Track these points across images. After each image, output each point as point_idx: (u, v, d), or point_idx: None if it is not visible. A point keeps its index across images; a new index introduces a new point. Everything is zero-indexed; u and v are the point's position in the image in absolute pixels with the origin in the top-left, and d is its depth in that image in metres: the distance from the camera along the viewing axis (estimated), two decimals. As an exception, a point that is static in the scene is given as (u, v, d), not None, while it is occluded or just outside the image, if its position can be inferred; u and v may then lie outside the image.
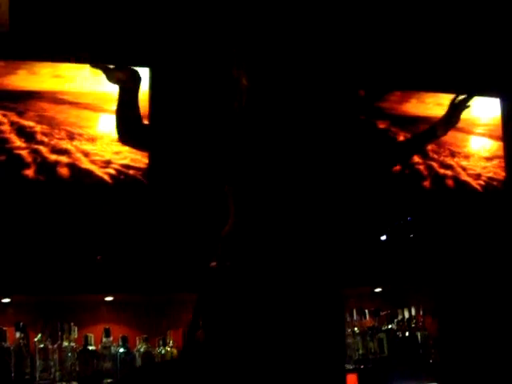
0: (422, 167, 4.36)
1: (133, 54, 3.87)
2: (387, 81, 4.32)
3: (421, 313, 4.40)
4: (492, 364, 4.23)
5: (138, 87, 2.60)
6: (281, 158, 2.50)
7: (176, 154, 2.79)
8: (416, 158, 4.32)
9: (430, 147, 4.34)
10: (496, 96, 4.66)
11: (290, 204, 2.48)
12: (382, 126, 4.26)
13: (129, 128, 2.60)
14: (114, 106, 3.82)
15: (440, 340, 4.35)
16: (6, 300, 3.98)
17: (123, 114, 2.59)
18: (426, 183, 4.38)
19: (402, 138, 4.27)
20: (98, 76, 3.79)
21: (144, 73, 3.90)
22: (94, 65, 2.59)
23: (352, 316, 4.31)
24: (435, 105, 4.39)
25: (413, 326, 4.38)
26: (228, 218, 2.47)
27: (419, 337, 4.36)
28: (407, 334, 4.34)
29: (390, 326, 4.35)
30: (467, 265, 4.35)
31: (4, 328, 3.81)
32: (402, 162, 3.44)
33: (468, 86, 4.37)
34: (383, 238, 4.41)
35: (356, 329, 4.28)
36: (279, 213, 2.46)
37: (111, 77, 2.59)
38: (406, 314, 4.41)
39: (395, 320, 4.40)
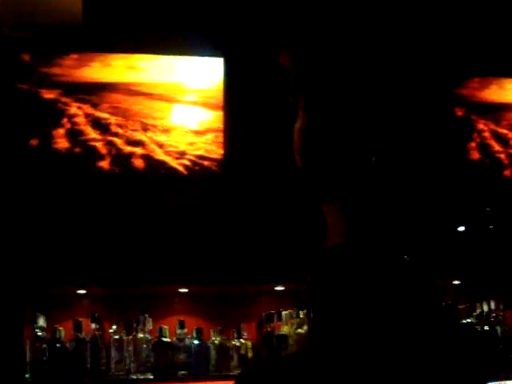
0: (502, 156, 4.22)
1: (207, 44, 3.83)
2: (466, 67, 4.19)
3: (501, 307, 4.28)
4: None
5: None
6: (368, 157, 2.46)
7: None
8: (496, 146, 4.18)
9: (511, 135, 4.20)
10: None
11: (388, 203, 2.43)
12: (460, 113, 4.13)
13: None
14: (187, 97, 3.91)
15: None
16: (82, 291, 4.01)
17: None
18: (507, 172, 4.23)
19: (481, 126, 4.14)
20: (171, 66, 3.84)
21: (218, 63, 3.88)
22: None
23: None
24: (517, 91, 4.25)
25: (492, 320, 4.26)
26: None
27: (499, 331, 4.24)
28: (486, 328, 4.22)
29: (468, 320, 4.24)
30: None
31: (80, 319, 3.84)
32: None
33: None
34: (461, 228, 4.29)
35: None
36: (381, 216, 2.41)
37: None
38: (486, 308, 4.29)
39: (474, 314, 4.28)
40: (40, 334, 3.79)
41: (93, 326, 3.86)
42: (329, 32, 2.62)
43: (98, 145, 3.72)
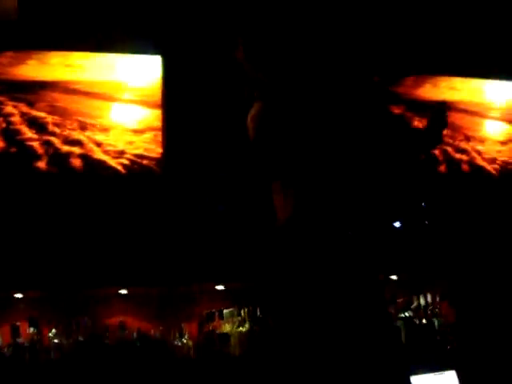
0: (437, 152, 4.31)
1: (144, 42, 3.80)
2: (401, 65, 4.27)
3: (437, 299, 4.36)
4: (510, 350, 4.20)
5: None
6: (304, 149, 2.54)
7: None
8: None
9: (445, 132, 4.28)
10: (510, 79, 4.61)
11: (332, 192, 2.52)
12: (397, 110, 4.20)
13: None
14: (125, 95, 3.86)
15: (457, 326, 4.32)
16: (19, 295, 3.91)
17: None
18: (442, 168, 4.33)
19: (416, 123, 4.22)
20: (110, 65, 3.78)
21: (156, 61, 3.85)
22: None
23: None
24: (449, 89, 4.35)
25: (429, 312, 4.33)
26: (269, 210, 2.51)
27: (436, 324, 4.32)
28: (424, 321, 4.30)
29: (406, 314, 4.31)
30: (483, 250, 4.31)
31: (17, 323, 3.75)
32: (423, 151, 3.39)
33: (481, 69, 4.35)
34: (397, 224, 4.36)
35: (373, 317, 4.23)
36: (325, 202, 2.50)
37: None
38: (422, 301, 4.36)
39: (411, 307, 4.36)
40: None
41: (31, 330, 3.77)
42: (280, 29, 2.68)
43: (35, 144, 3.64)
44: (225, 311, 4.03)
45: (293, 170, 2.51)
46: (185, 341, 3.99)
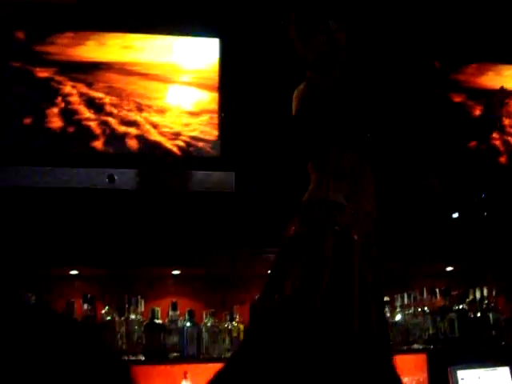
0: (498, 142, 4.21)
1: (203, 24, 3.80)
2: (464, 52, 4.17)
3: (493, 293, 4.27)
4: None
5: None
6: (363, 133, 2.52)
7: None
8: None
9: (507, 122, 4.19)
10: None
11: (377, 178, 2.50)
12: (457, 99, 4.12)
13: None
14: (182, 77, 3.88)
15: (513, 321, 4.22)
16: (74, 272, 3.99)
17: None
18: (503, 159, 4.22)
19: (478, 112, 4.12)
20: (167, 46, 3.81)
21: (213, 44, 3.85)
22: None
23: (422, 295, 4.20)
24: (514, 78, 4.23)
25: (485, 306, 4.25)
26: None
27: (491, 318, 4.23)
28: (479, 314, 4.22)
29: (461, 306, 4.23)
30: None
31: (72, 300, 3.82)
32: (480, 139, 3.30)
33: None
34: (456, 215, 4.28)
35: (426, 308, 4.17)
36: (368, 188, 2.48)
37: None
38: (478, 295, 4.28)
39: (467, 300, 4.28)
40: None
41: (85, 306, 3.84)
42: (333, 10, 2.64)
43: (93, 124, 3.69)
44: (276, 296, 4.03)
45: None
46: (235, 324, 4.01)
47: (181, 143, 3.78)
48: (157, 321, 3.89)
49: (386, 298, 3.96)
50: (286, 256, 2.37)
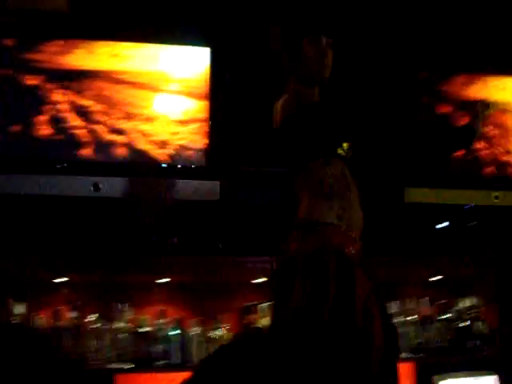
0: (484, 153, 4.23)
1: (193, 33, 3.82)
2: (451, 63, 4.20)
3: (480, 303, 4.30)
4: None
5: None
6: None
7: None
8: (479, 144, 4.19)
9: (492, 133, 4.21)
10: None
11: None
12: (444, 110, 4.14)
13: None
14: (171, 86, 3.89)
15: (500, 331, 4.25)
16: (61, 279, 3.99)
17: None
18: (488, 170, 4.24)
19: (463, 123, 4.14)
20: (156, 55, 3.82)
21: (203, 53, 3.86)
22: None
23: (409, 304, 4.22)
24: (499, 89, 4.25)
25: (471, 316, 4.27)
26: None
27: (477, 327, 4.26)
28: (465, 324, 4.24)
29: (447, 316, 4.26)
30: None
31: (59, 307, 3.82)
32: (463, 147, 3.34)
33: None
34: (443, 225, 4.31)
35: (413, 317, 4.20)
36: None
37: None
38: (465, 304, 4.31)
39: (453, 309, 4.30)
40: (19, 322, 3.77)
41: (72, 314, 3.84)
42: (316, 22, 2.69)
43: (81, 132, 3.69)
44: (263, 305, 4.05)
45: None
46: (223, 332, 4.02)
47: (169, 152, 3.78)
48: (144, 329, 3.91)
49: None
50: (293, 273, 2.48)
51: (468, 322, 4.24)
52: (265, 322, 4.00)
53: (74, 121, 3.69)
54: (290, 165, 2.64)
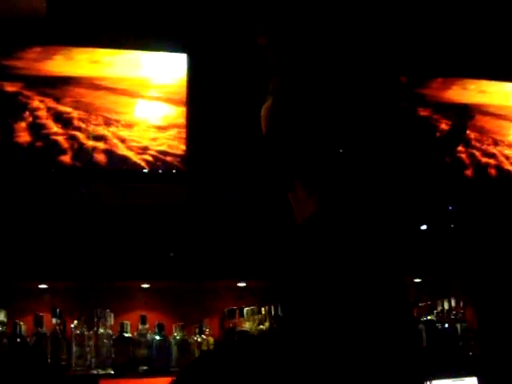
0: (464, 156, 4.26)
1: (171, 39, 3.83)
2: (429, 67, 4.23)
3: (461, 304, 4.32)
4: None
5: None
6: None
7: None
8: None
9: (472, 135, 4.24)
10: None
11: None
12: (423, 113, 4.17)
13: None
14: (150, 92, 3.91)
15: (480, 332, 4.27)
16: (43, 286, 3.99)
17: None
18: (468, 172, 4.28)
19: (443, 126, 4.17)
20: (135, 61, 3.83)
21: (181, 59, 3.88)
22: None
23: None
24: (477, 92, 4.29)
25: (452, 317, 4.30)
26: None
27: (459, 329, 4.28)
28: (447, 325, 4.27)
29: (429, 317, 4.28)
30: (509, 256, 4.25)
31: (41, 314, 3.82)
32: (445, 152, 3.36)
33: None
34: (423, 227, 4.33)
35: (394, 320, 4.21)
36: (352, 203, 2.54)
37: None
38: (446, 306, 4.33)
39: (434, 311, 4.32)
40: (0, 328, 3.76)
41: (54, 320, 3.83)
42: (305, 21, 2.67)
43: (60, 139, 3.70)
44: (246, 309, 4.05)
45: (315, 166, 2.53)
46: (205, 337, 4.02)
47: (148, 157, 3.79)
48: (126, 334, 3.90)
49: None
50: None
51: (446, 325, 4.26)
52: (247, 325, 4.02)
53: (53, 127, 3.69)
54: (280, 170, 2.63)
